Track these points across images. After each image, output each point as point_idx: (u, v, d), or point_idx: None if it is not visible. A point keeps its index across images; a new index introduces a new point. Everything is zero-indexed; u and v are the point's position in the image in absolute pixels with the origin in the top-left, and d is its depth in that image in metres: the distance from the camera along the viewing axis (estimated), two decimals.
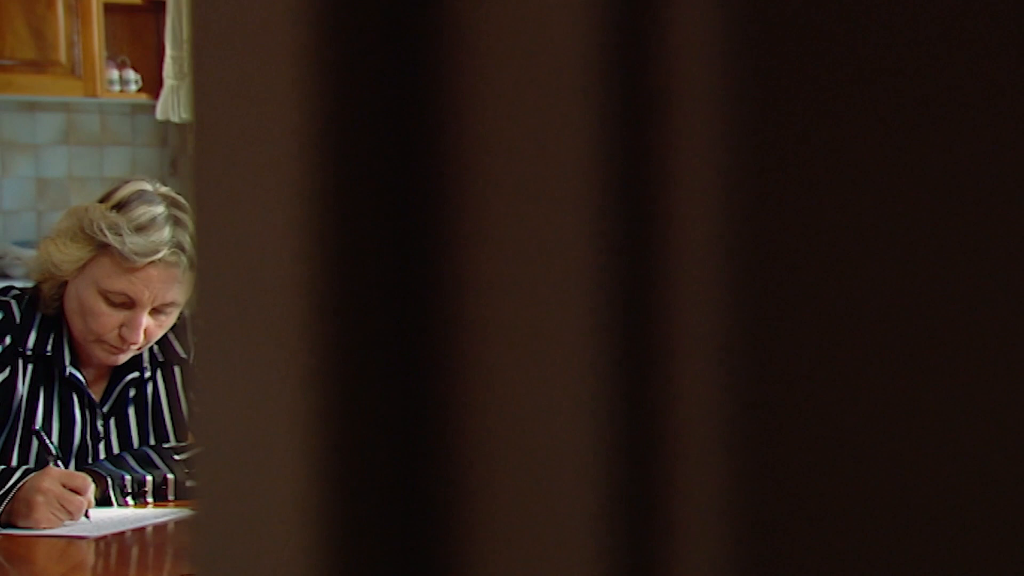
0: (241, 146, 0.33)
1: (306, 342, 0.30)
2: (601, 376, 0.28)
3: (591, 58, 0.28)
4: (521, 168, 0.29)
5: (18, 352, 2.37)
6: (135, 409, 2.47)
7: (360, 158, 0.31)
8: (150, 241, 2.30)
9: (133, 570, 2.14)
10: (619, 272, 0.28)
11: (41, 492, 2.17)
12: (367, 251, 0.31)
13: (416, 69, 0.31)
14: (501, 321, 0.30)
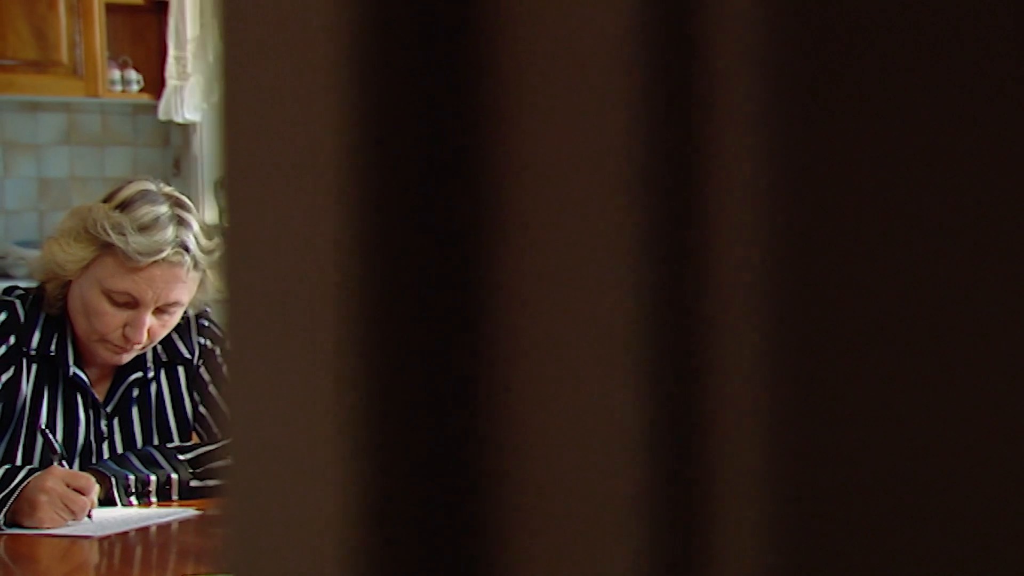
0: (279, 148, 0.33)
1: (345, 342, 0.30)
2: (641, 369, 0.28)
3: (633, 60, 0.28)
4: (561, 166, 0.29)
5: (22, 352, 2.37)
6: (139, 409, 2.47)
7: (399, 159, 0.31)
8: (153, 241, 2.30)
9: (137, 570, 2.14)
10: (658, 265, 0.28)
11: (45, 492, 2.17)
12: (405, 251, 0.31)
13: (456, 71, 0.31)
14: (541, 315, 0.29)
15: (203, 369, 2.51)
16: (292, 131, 0.32)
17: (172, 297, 2.35)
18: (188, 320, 2.48)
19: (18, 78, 6.07)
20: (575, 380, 0.29)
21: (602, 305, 0.29)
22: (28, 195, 6.54)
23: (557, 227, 0.29)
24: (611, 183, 0.29)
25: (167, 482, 2.38)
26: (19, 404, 2.38)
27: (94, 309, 2.33)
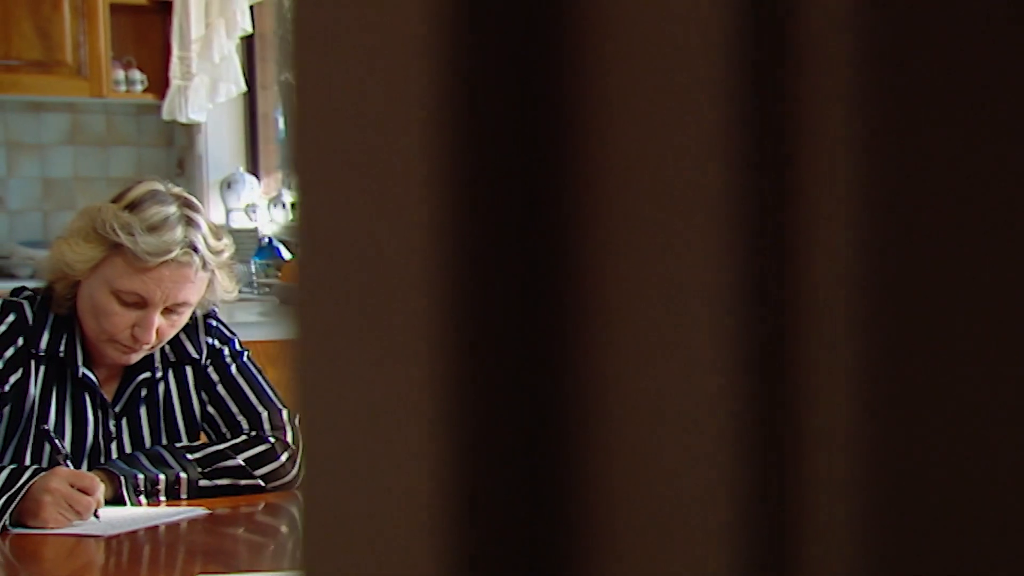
0: (363, 147, 0.33)
1: (432, 342, 0.31)
2: (732, 375, 0.28)
3: (722, 46, 0.28)
4: (651, 158, 0.30)
5: (31, 353, 2.38)
6: (147, 409, 2.47)
7: (487, 156, 0.31)
8: (162, 241, 2.31)
9: (145, 569, 2.14)
10: (750, 270, 0.28)
11: (49, 492, 2.18)
12: (493, 249, 0.31)
13: (545, 66, 0.31)
14: (631, 319, 0.30)
15: (211, 369, 2.52)
16: (377, 124, 0.33)
17: (181, 297, 2.35)
18: (196, 320, 2.49)
19: (22, 78, 6.08)
20: (663, 378, 0.30)
21: (692, 302, 0.29)
22: (32, 195, 6.54)
23: (647, 222, 0.30)
24: (702, 177, 0.29)
25: (176, 481, 2.38)
26: (27, 405, 2.38)
27: (103, 309, 2.34)
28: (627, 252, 0.30)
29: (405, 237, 0.32)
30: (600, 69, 0.31)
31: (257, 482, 2.44)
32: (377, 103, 0.33)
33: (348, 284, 0.34)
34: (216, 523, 2.28)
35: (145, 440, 2.47)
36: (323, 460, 0.35)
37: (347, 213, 0.34)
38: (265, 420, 2.50)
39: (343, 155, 0.34)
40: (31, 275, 6.14)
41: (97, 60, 6.19)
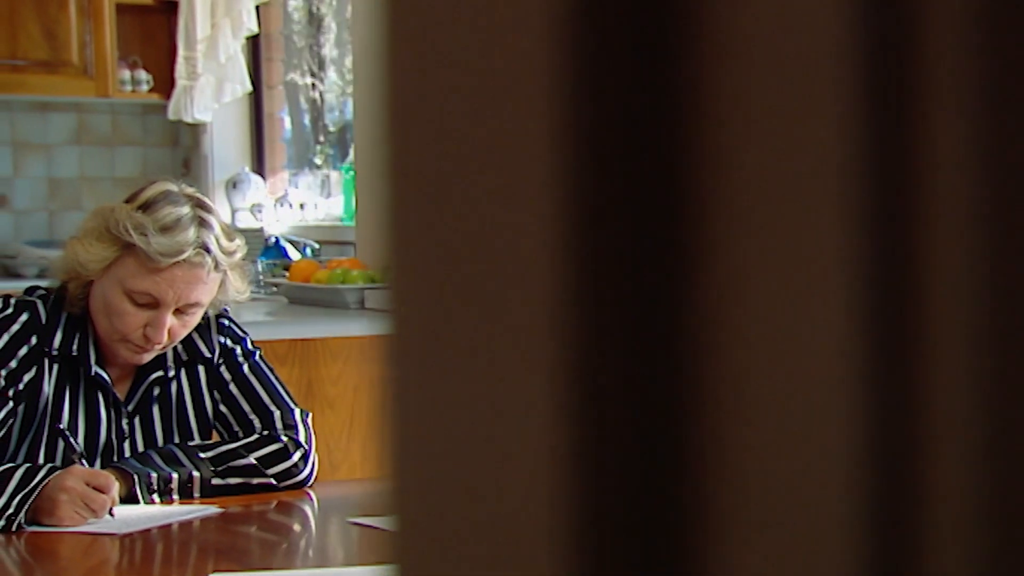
0: (485, 146, 0.34)
1: (554, 338, 0.31)
2: (857, 378, 0.29)
3: (845, 47, 0.29)
4: (772, 159, 0.30)
5: (44, 352, 2.39)
6: (159, 408, 2.48)
7: (610, 155, 0.32)
8: (175, 241, 2.32)
9: (158, 567, 2.16)
10: (874, 275, 0.29)
11: (64, 490, 2.19)
12: (616, 248, 0.31)
13: (667, 70, 0.32)
14: (754, 320, 0.30)
15: (223, 368, 2.53)
16: (500, 123, 0.33)
17: (193, 298, 2.36)
18: (208, 320, 2.50)
19: (29, 78, 6.09)
20: (788, 371, 0.30)
21: (816, 302, 0.30)
22: (38, 195, 6.55)
23: (768, 223, 0.30)
24: (823, 181, 0.29)
25: (189, 480, 2.39)
26: (41, 404, 2.39)
27: (115, 309, 2.35)
28: (753, 249, 0.31)
29: (530, 241, 0.33)
30: (724, 66, 0.31)
31: (269, 481, 2.45)
32: (498, 96, 0.34)
33: (467, 281, 0.35)
34: (229, 521, 2.29)
35: (158, 439, 2.48)
36: (434, 458, 0.36)
37: (465, 212, 0.35)
38: (277, 419, 2.51)
39: (476, 177, 0.35)
40: (38, 274, 6.15)
41: (103, 60, 6.20)
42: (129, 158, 6.75)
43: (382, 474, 0.38)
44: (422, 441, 0.37)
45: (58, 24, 6.10)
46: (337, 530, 2.39)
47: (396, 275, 0.37)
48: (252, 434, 2.49)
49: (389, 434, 0.38)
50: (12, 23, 6.00)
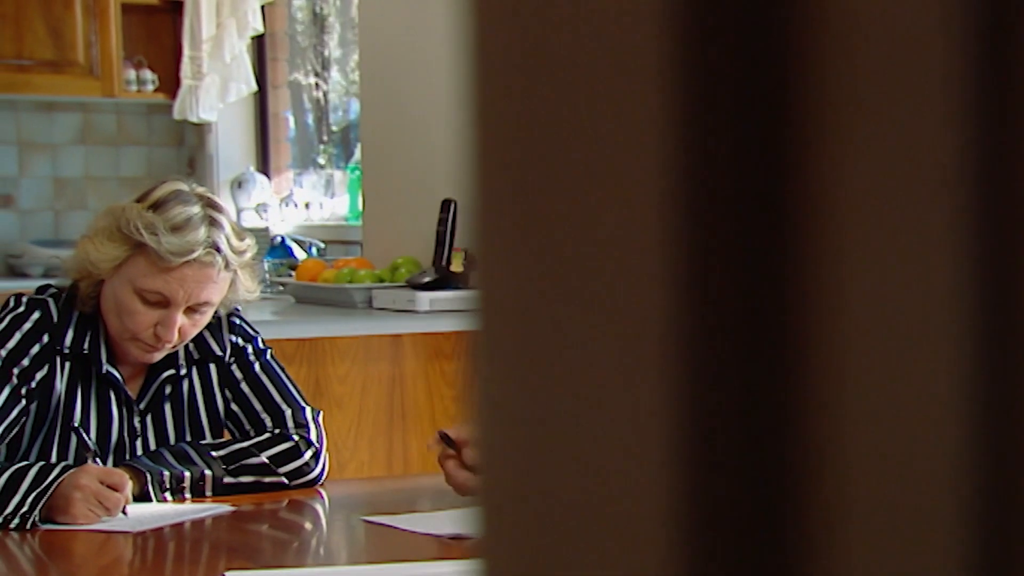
0: (597, 144, 0.33)
1: (664, 336, 0.31)
2: (962, 380, 0.29)
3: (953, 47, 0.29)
4: (881, 162, 0.30)
5: (56, 350, 2.40)
6: (171, 406, 2.49)
7: (719, 153, 0.32)
8: (186, 241, 2.32)
9: (170, 565, 2.16)
10: (983, 267, 0.29)
11: (79, 488, 2.19)
12: (725, 245, 0.32)
13: (776, 65, 0.32)
14: (866, 316, 0.31)
15: (235, 367, 2.54)
16: (610, 123, 0.33)
17: (203, 297, 2.37)
18: (220, 318, 2.51)
19: (34, 78, 6.10)
20: (897, 375, 0.30)
21: (922, 304, 0.30)
22: (44, 194, 6.56)
23: (877, 226, 0.30)
24: (933, 183, 0.30)
25: (201, 478, 2.40)
26: (53, 402, 2.40)
27: (126, 308, 2.36)
28: (863, 252, 0.31)
29: (640, 239, 0.33)
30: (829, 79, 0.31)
31: (281, 479, 2.46)
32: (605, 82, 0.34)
33: (575, 282, 0.35)
34: (240, 520, 2.30)
35: (169, 437, 2.48)
36: (538, 460, 0.36)
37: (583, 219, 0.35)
38: (289, 418, 2.52)
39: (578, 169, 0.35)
40: (43, 274, 6.16)
41: (108, 60, 6.21)
42: (134, 158, 6.76)
43: (475, 480, 0.38)
44: (517, 445, 0.36)
45: (64, 24, 6.10)
46: (349, 528, 2.40)
47: (490, 271, 0.37)
48: (263, 433, 2.50)
49: (480, 437, 0.38)
50: (18, 23, 6.01)
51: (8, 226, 6.45)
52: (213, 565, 2.10)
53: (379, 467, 3.91)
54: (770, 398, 0.33)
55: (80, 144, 6.61)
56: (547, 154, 0.35)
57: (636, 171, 0.33)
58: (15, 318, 2.40)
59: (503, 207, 0.36)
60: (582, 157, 0.34)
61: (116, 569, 2.15)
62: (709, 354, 0.33)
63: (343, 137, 6.63)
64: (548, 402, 0.35)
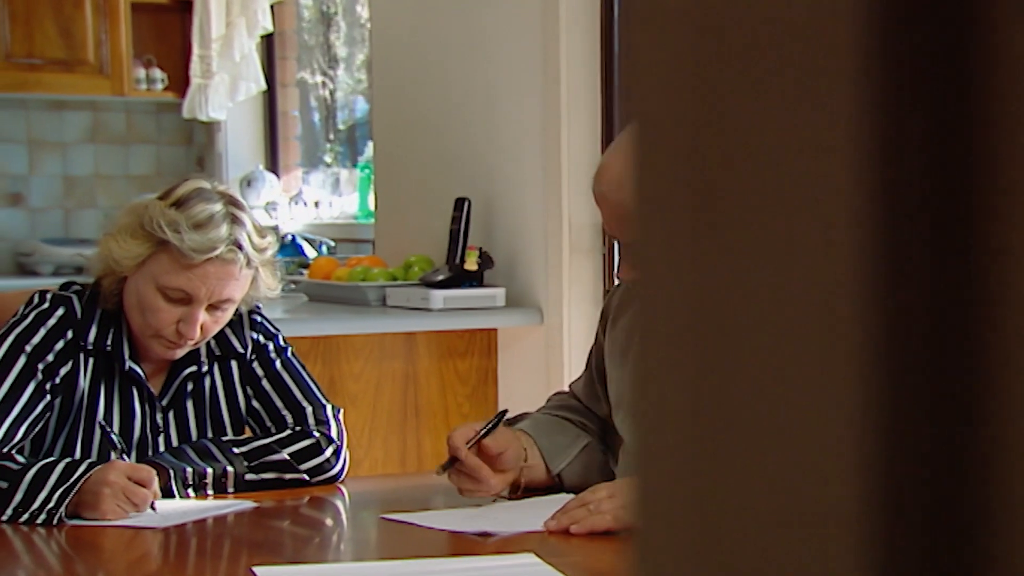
0: (790, 150, 0.34)
1: (858, 339, 0.32)
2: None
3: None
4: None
5: (80, 346, 2.41)
6: (193, 403, 2.50)
7: (910, 162, 0.32)
8: (208, 238, 2.34)
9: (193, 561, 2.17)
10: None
11: (107, 484, 2.20)
12: (916, 251, 0.32)
13: (964, 68, 0.33)
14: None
15: (256, 364, 2.55)
16: (803, 130, 0.34)
17: (225, 294, 2.38)
18: (241, 316, 2.52)
19: (45, 77, 6.11)
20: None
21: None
22: (54, 193, 6.57)
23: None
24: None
25: (223, 475, 2.41)
26: (77, 398, 2.41)
27: (149, 305, 2.37)
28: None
29: (833, 243, 0.33)
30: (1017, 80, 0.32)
31: (302, 476, 2.47)
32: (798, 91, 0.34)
33: (764, 283, 0.35)
34: (262, 516, 2.31)
35: (191, 433, 2.50)
36: (727, 461, 0.36)
37: (766, 225, 0.35)
38: (310, 415, 2.53)
39: (778, 181, 0.35)
40: (53, 272, 6.17)
41: (118, 59, 6.22)
42: (143, 156, 6.77)
43: (634, 484, 0.39)
44: (714, 444, 0.37)
45: (74, 23, 6.12)
46: (369, 525, 2.41)
47: (665, 273, 0.37)
48: (284, 429, 2.51)
49: (646, 441, 0.38)
50: (29, 22, 6.03)
51: (18, 224, 6.47)
52: (235, 561, 2.11)
53: (393, 464, 3.92)
54: (960, 396, 0.34)
55: (90, 143, 6.63)
56: (731, 152, 0.36)
57: (827, 169, 0.34)
58: (40, 314, 2.41)
59: (684, 207, 0.37)
60: (771, 154, 0.35)
61: (142, 564, 2.16)
62: (900, 354, 0.33)
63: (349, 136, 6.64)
64: (732, 404, 0.36)
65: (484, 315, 4.01)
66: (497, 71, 4.22)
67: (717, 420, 0.37)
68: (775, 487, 0.35)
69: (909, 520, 0.33)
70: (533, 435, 2.36)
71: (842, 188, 0.33)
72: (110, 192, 6.66)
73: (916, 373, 0.33)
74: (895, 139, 0.33)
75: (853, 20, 0.33)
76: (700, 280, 0.36)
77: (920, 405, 0.33)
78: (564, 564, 1.91)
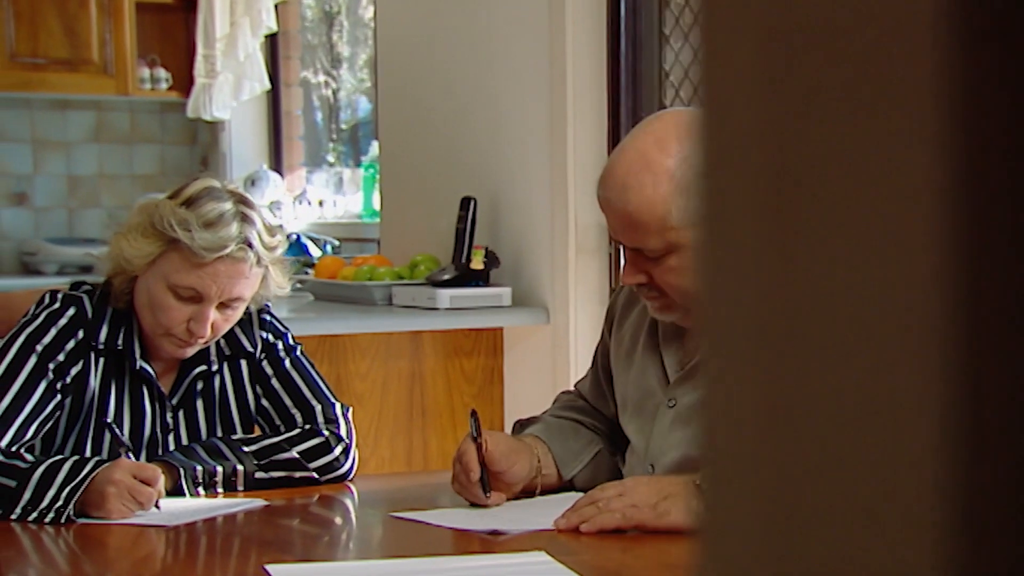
0: (871, 146, 0.34)
1: (942, 335, 0.32)
2: None
3: None
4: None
5: (90, 346, 2.42)
6: (203, 402, 2.51)
7: (991, 155, 0.33)
8: (218, 237, 2.34)
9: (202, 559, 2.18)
10: None
11: (112, 483, 2.21)
12: (1000, 244, 0.33)
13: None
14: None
15: (265, 363, 2.55)
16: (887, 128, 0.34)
17: (235, 292, 2.39)
18: (250, 315, 2.52)
19: (50, 76, 6.12)
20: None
21: None
22: (58, 192, 6.58)
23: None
24: None
25: (233, 473, 2.41)
26: (88, 397, 2.42)
27: (159, 303, 2.38)
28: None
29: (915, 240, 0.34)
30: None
31: (311, 474, 2.47)
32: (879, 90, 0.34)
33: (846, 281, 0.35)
34: (272, 514, 2.31)
35: (201, 432, 2.50)
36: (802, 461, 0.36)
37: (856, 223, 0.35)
38: (319, 413, 2.53)
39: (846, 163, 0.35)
40: (57, 271, 6.18)
41: (123, 58, 6.23)
42: (147, 156, 6.78)
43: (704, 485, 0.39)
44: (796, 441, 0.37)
45: (78, 22, 6.12)
46: (379, 523, 2.41)
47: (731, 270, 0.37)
48: (294, 428, 2.51)
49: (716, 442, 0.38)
50: (33, 21, 6.03)
51: (23, 224, 6.47)
52: (247, 558, 2.11)
53: (399, 463, 3.92)
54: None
55: (94, 142, 6.63)
56: (810, 149, 0.36)
57: (908, 164, 0.34)
58: (51, 314, 2.42)
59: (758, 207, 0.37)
60: (851, 151, 0.35)
61: (150, 563, 2.16)
62: (985, 350, 0.33)
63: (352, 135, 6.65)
64: (808, 402, 0.36)
65: (490, 314, 4.01)
66: (503, 70, 4.23)
67: (792, 419, 0.37)
68: (853, 486, 0.35)
69: (993, 519, 0.33)
70: (547, 441, 2.36)
71: (924, 181, 0.33)
72: (114, 191, 6.67)
73: (1001, 369, 0.34)
74: (977, 133, 0.33)
75: (935, 17, 0.33)
76: (775, 278, 0.36)
77: (1006, 402, 0.34)
78: (574, 562, 1.91)
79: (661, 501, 2.07)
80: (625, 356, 2.36)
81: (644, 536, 2.06)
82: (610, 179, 2.14)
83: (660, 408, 2.25)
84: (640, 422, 2.30)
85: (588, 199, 4.02)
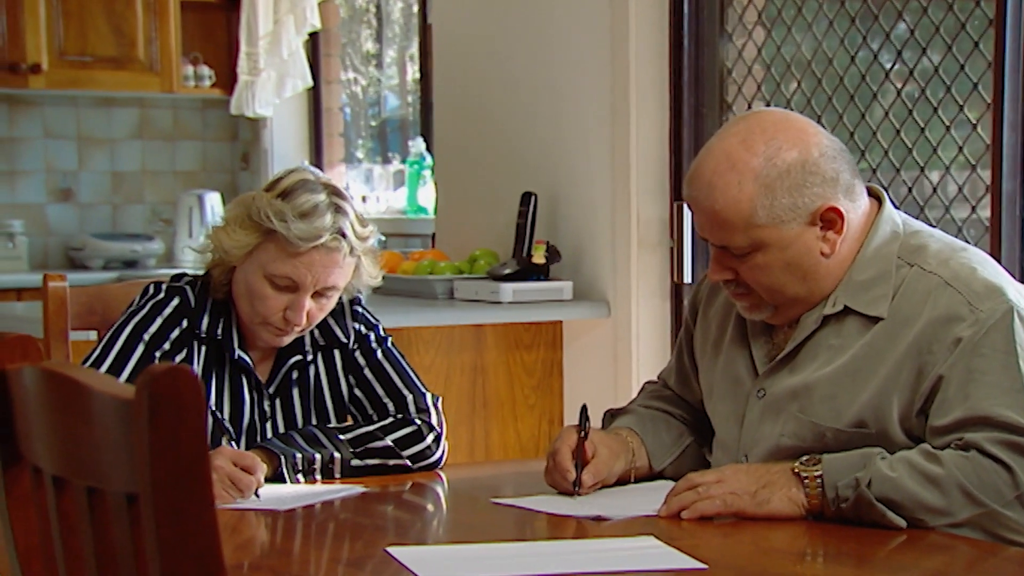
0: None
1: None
2: None
3: None
4: None
5: (194, 334, 2.46)
6: (299, 390, 2.55)
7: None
8: (313, 227, 2.39)
9: (298, 546, 2.20)
10: None
11: (214, 470, 2.24)
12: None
13: None
14: None
15: (358, 353, 2.59)
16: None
17: (330, 281, 2.43)
18: (343, 306, 2.57)
19: (97, 74, 6.18)
20: None
21: None
22: (102, 188, 6.64)
23: None
24: None
25: (331, 460, 2.45)
26: None
27: (257, 293, 2.42)
28: None
29: None
30: None
31: (405, 462, 2.51)
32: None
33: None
34: (367, 501, 2.35)
35: (297, 420, 2.54)
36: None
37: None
38: (411, 403, 2.58)
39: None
40: (103, 266, 6.23)
41: (168, 56, 6.29)
42: (190, 152, 6.83)
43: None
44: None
45: (125, 21, 6.18)
46: (476, 510, 2.44)
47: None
48: (386, 417, 2.55)
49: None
50: (82, 20, 6.09)
51: (69, 219, 6.53)
52: (337, 544, 2.12)
53: (462, 454, 3.97)
54: None
55: (137, 139, 6.69)
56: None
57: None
58: (156, 304, 2.47)
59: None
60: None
61: (249, 547, 2.19)
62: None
63: (379, 132, 6.69)
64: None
65: (552, 308, 4.05)
66: (564, 65, 4.25)
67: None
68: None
69: None
70: (640, 434, 2.40)
71: None
72: (157, 187, 6.72)
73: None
74: None
75: None
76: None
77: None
78: (678, 547, 1.94)
79: (760, 489, 2.10)
80: (712, 345, 2.39)
81: (742, 523, 2.09)
82: (697, 178, 2.18)
83: (750, 399, 2.28)
84: (728, 410, 2.33)
85: (650, 194, 4.05)
